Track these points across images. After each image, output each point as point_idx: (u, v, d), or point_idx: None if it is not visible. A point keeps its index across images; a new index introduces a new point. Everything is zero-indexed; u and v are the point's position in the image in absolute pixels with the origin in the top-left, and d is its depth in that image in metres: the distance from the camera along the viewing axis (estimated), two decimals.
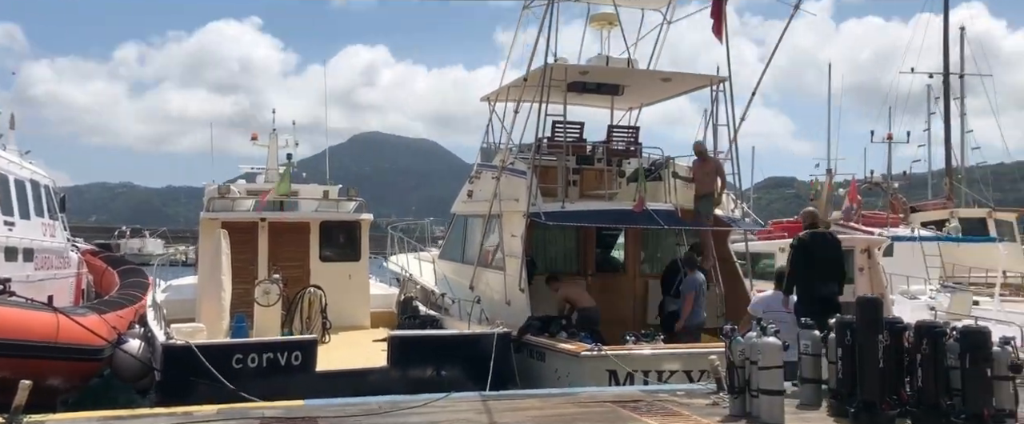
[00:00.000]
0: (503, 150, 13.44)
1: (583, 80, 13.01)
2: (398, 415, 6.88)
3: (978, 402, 6.24)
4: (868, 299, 7.13)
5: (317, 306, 12.29)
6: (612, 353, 9.47)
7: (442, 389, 7.94)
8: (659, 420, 6.79)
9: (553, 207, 11.66)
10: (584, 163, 12.92)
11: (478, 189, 14.22)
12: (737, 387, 7.01)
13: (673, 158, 13.12)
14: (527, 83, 12.50)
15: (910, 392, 6.86)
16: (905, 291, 16.61)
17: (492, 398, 7.83)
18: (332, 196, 15.29)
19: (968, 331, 6.53)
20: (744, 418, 6.84)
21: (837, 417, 6.90)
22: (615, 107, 14.50)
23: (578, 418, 6.86)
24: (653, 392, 8.16)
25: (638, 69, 13.42)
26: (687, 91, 13.85)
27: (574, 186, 12.61)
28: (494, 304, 12.05)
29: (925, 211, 26.05)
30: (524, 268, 11.59)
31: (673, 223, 12.04)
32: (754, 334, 7.08)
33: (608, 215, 12.04)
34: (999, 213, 24.84)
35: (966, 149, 32.04)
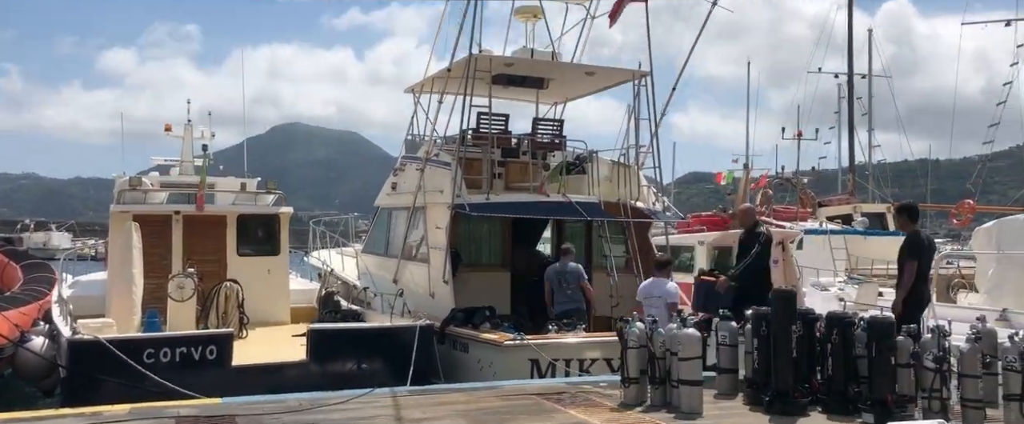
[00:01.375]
0: (427, 142, 13.34)
1: (508, 72, 13.05)
2: (319, 412, 6.73)
3: (883, 389, 6.55)
4: (783, 291, 7.40)
5: (234, 301, 11.97)
6: (534, 342, 9.56)
7: (362, 383, 7.85)
8: (583, 411, 6.87)
9: (478, 199, 11.67)
10: (509, 156, 12.95)
11: (402, 181, 14.08)
12: (658, 378, 7.15)
13: (597, 152, 13.30)
14: (451, 74, 12.45)
15: (821, 380, 7.16)
16: (816, 283, 17.30)
17: (417, 392, 7.77)
18: (250, 189, 14.87)
19: (874, 321, 6.85)
20: (664, 408, 6.98)
21: (752, 406, 7.12)
22: (540, 101, 14.58)
23: (503, 411, 6.87)
24: (577, 383, 8.25)
25: (562, 62, 13.54)
26: (611, 86, 14.06)
27: (499, 179, 12.64)
28: (418, 297, 11.98)
29: (830, 206, 27.23)
30: (448, 260, 11.56)
31: (596, 216, 12.22)
32: (674, 326, 7.25)
33: (533, 207, 12.12)
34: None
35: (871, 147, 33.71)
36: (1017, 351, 6.32)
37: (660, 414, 6.78)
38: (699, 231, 17.66)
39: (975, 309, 11.44)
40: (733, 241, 16.24)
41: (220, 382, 8.29)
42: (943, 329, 6.65)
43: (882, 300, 15.09)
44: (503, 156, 12.81)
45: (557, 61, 13.50)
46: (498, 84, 13.14)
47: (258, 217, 13.98)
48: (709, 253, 16.44)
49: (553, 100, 14.92)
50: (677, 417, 6.68)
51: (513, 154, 13.04)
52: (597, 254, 13.35)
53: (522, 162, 12.94)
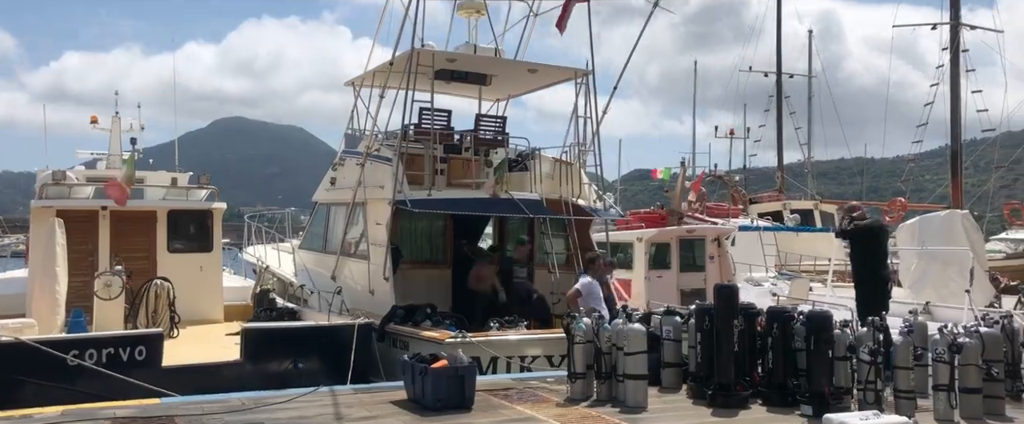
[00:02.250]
0: (368, 137, 13.13)
1: (451, 68, 12.94)
2: (263, 411, 6.55)
3: (820, 381, 6.75)
4: (725, 287, 7.54)
5: (164, 299, 11.57)
6: (476, 339, 9.51)
7: (299, 383, 7.69)
8: (530, 407, 6.86)
9: (420, 195, 11.54)
10: (452, 152, 12.84)
11: (342, 176, 13.82)
12: (604, 373, 7.19)
13: (540, 149, 13.31)
14: (393, 68, 12.27)
15: (762, 374, 7.33)
16: (750, 278, 17.75)
17: (361, 391, 7.64)
18: (182, 183, 14.37)
19: (813, 315, 7.05)
20: (610, 402, 7.03)
21: (695, 399, 7.23)
22: (483, 97, 14.51)
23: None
24: (524, 379, 8.25)
25: (505, 59, 13.50)
26: (553, 83, 14.10)
27: (441, 175, 12.51)
28: (357, 294, 11.78)
29: (761, 203, 28.03)
30: (389, 257, 11.40)
31: (538, 212, 12.24)
32: (620, 321, 7.32)
33: (475, 203, 12.05)
34: (824, 205, 27.17)
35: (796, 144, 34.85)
36: (946, 343, 6.60)
37: (606, 409, 6.83)
38: (638, 228, 17.88)
39: (900, 303, 11.93)
40: (670, 237, 16.60)
41: (150, 384, 7.98)
42: (878, 323, 6.89)
43: (813, 294, 15.60)
44: (445, 152, 12.69)
45: (500, 58, 13.45)
46: (441, 79, 13.02)
47: (190, 213, 13.54)
48: (647, 249, 16.66)
49: (496, 97, 14.87)
50: (622, 411, 6.74)
51: (456, 150, 12.93)
52: (539, 251, 13.38)
53: (465, 158, 12.85)
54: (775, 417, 6.63)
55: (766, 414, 6.76)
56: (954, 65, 16.54)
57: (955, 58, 16.57)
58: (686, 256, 16.49)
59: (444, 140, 12.77)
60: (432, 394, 6.65)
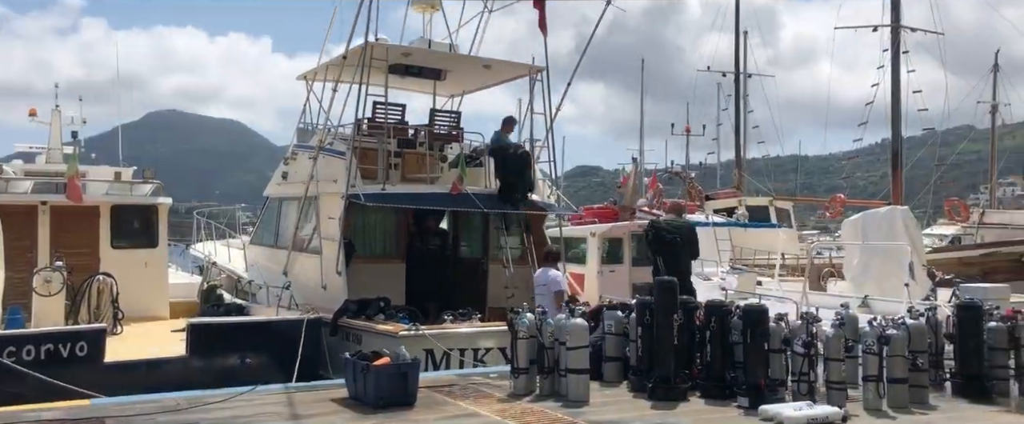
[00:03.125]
0: (321, 130, 13.05)
1: (405, 62, 12.92)
2: (198, 411, 6.48)
3: (756, 373, 6.93)
4: (665, 281, 7.68)
5: (107, 295, 11.37)
6: (429, 332, 9.54)
7: (247, 380, 7.63)
8: (472, 403, 6.92)
9: (374, 189, 11.52)
10: (406, 146, 12.83)
11: (294, 171, 13.72)
12: (547, 367, 7.28)
13: None
14: (346, 62, 12.22)
15: (700, 366, 7.49)
16: (700, 272, 18.03)
17: (304, 388, 7.61)
18: (126, 178, 14.13)
19: (749, 309, 7.22)
20: (552, 397, 7.12)
21: (636, 392, 7.36)
22: (437, 93, 14.51)
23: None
24: (467, 375, 8.31)
25: (460, 54, 13.51)
26: (508, 80, 14.16)
27: (395, 169, 12.50)
28: (309, 289, 11.72)
29: (717, 199, 28.47)
30: (342, 251, 11.36)
31: (493, 207, 12.31)
32: (562, 316, 7.41)
33: (430, 198, 12.07)
34: (779, 201, 27.72)
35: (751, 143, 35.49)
36: (875, 335, 6.82)
37: (548, 403, 6.92)
38: (591, 223, 18.07)
39: (841, 296, 12.25)
40: (623, 233, 16.81)
41: (92, 381, 7.85)
42: (812, 315, 7.09)
43: (760, 288, 15.92)
44: (400, 146, 12.68)
45: (455, 53, 13.46)
46: (395, 74, 12.98)
47: (134, 208, 13.33)
48: (601, 244, 16.85)
49: (450, 92, 14.88)
50: (564, 405, 6.83)
51: (410, 145, 12.93)
52: (493, 246, 13.44)
53: (419, 153, 12.85)
54: (713, 409, 6.79)
55: (704, 406, 6.91)
56: (895, 66, 17.06)
57: (896, 59, 17.07)
58: (639, 250, 16.69)
59: (398, 134, 12.76)
60: (374, 392, 6.67)
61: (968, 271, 16.03)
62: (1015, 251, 16.93)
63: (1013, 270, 16.06)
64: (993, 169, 37.01)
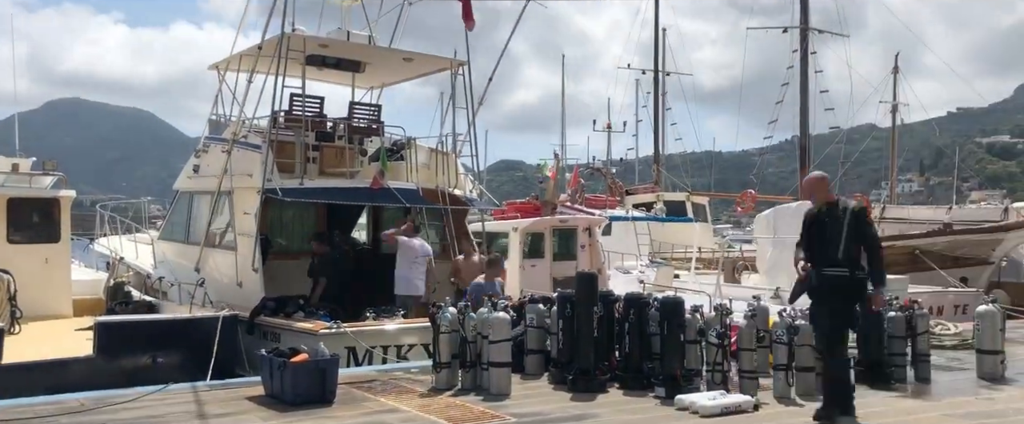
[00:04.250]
0: (235, 123, 12.65)
1: (322, 53, 12.66)
2: (104, 412, 6.20)
3: (673, 363, 7.10)
4: (585, 274, 7.79)
5: (3, 293, 10.78)
6: (351, 330, 9.40)
7: (158, 379, 7.35)
8: (393, 398, 6.86)
9: (291, 184, 11.25)
10: (324, 140, 12.58)
11: (206, 164, 13.24)
12: (469, 361, 7.28)
13: (415, 139, 13.24)
14: (261, 53, 11.88)
15: (619, 358, 7.63)
16: (620, 266, 18.39)
17: (217, 387, 7.40)
18: (24, 170, 13.36)
19: (666, 301, 7.40)
20: (474, 391, 7.12)
21: (557, 385, 7.44)
22: (356, 85, 14.28)
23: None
24: (388, 371, 8.22)
25: (379, 47, 13.33)
26: (429, 73, 14.05)
27: (313, 163, 12.25)
28: (223, 286, 11.36)
29: (637, 194, 29.08)
30: (258, 247, 11.06)
31: (415, 202, 12.21)
32: (485, 310, 7.43)
33: (349, 193, 11.88)
34: (695, 196, 28.54)
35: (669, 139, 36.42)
36: (785, 326, 7.09)
37: (469, 397, 6.92)
38: (514, 218, 18.14)
39: (754, 289, 12.71)
40: (544, 227, 16.94)
41: None
42: (725, 307, 7.32)
43: (677, 281, 16.35)
44: (318, 140, 12.42)
45: (374, 45, 13.27)
46: (312, 65, 12.71)
47: (33, 201, 12.66)
48: (522, 239, 16.93)
49: (370, 84, 14.66)
50: (485, 399, 6.85)
51: (328, 138, 12.68)
52: None
53: (338, 147, 12.61)
54: (631, 400, 6.93)
55: (622, 397, 7.05)
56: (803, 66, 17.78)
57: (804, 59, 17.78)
58: (560, 245, 16.87)
59: (316, 127, 12.49)
60: (291, 389, 6.53)
61: None
62: (911, 245, 17.89)
63: (910, 263, 16.98)
64: (893, 166, 39.04)
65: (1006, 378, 7.77)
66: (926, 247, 17.34)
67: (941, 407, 6.66)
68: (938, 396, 7.13)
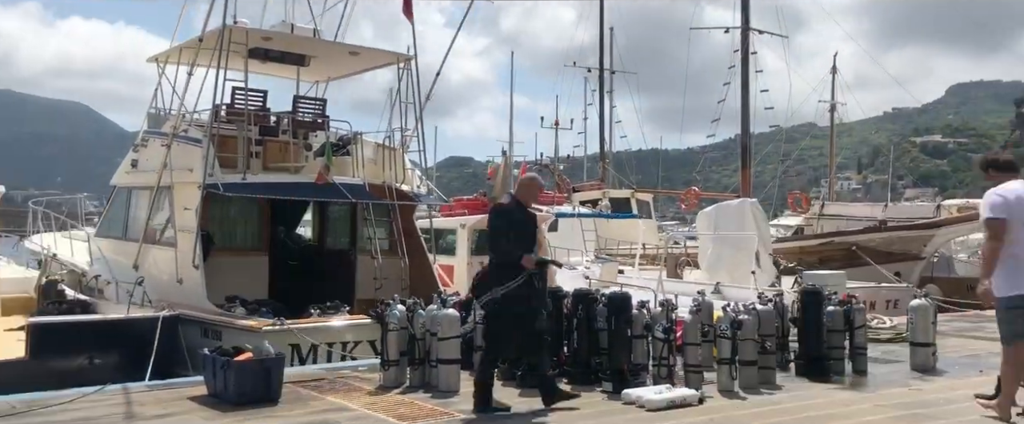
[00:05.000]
0: (175, 116, 12.33)
1: (266, 46, 12.43)
2: (38, 414, 5.97)
3: (620, 358, 7.18)
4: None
5: None
6: (295, 327, 9.26)
7: (96, 380, 7.12)
8: (341, 397, 6.78)
9: (234, 179, 11.02)
10: (268, 134, 12.35)
11: (145, 158, 12.88)
12: (418, 359, 7.24)
13: (361, 133, 13.11)
14: (202, 45, 11.61)
15: (567, 353, 7.68)
16: (566, 262, 18.50)
17: (157, 387, 7.19)
18: None
19: (614, 297, 7.47)
20: (422, 388, 7.08)
21: (506, 381, 7.44)
22: (301, 79, 14.04)
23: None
24: (335, 369, 8.12)
25: (325, 40, 13.15)
26: (375, 67, 13.91)
27: (256, 158, 12.01)
28: (163, 284, 11.07)
29: (583, 191, 29.32)
30: (199, 243, 10.81)
31: (362, 198, 12.09)
32: (434, 306, 7.39)
33: (294, 188, 11.69)
34: (639, 193, 28.93)
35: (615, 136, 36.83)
36: (729, 321, 7.23)
37: (418, 395, 6.88)
38: (461, 214, 18.11)
39: (697, 284, 12.93)
40: None
41: None
42: (672, 303, 7.43)
43: (622, 277, 16.55)
44: (261, 134, 12.19)
45: (319, 38, 13.08)
46: (255, 58, 12.45)
47: None
48: (470, 235, 16.92)
49: (315, 78, 14.44)
50: (434, 396, 6.81)
51: (272, 132, 12.45)
52: (361, 237, 13.21)
53: (282, 141, 12.40)
54: (579, 394, 6.96)
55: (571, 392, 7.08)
56: (744, 66, 18.16)
57: (745, 59, 18.18)
58: None
59: (259, 121, 12.26)
60: (235, 388, 6.39)
61: (808, 259, 17.32)
62: (848, 241, 18.47)
63: (847, 258, 17.53)
64: (832, 164, 40.22)
65: (937, 369, 8.06)
66: (863, 243, 17.91)
67: (876, 398, 6.88)
68: (873, 388, 7.37)
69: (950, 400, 6.75)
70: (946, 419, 6.11)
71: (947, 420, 6.07)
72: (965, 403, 6.60)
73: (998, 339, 6.02)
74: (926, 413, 6.29)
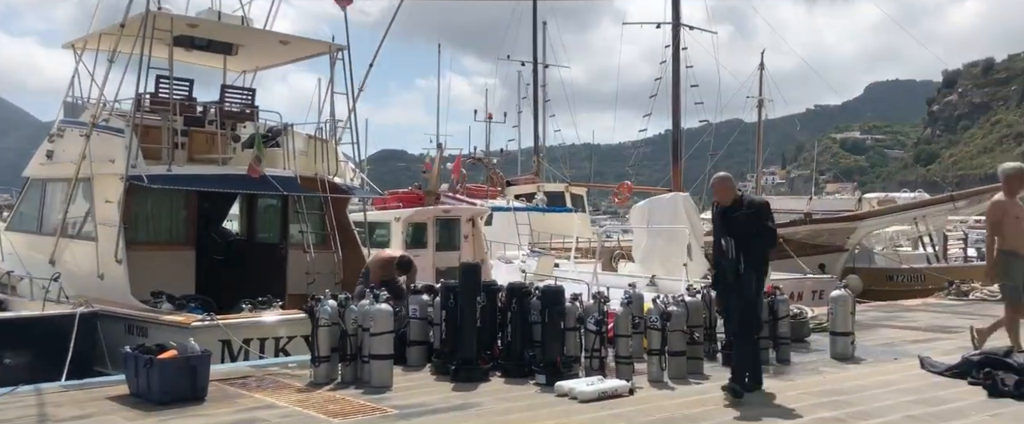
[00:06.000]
0: (95, 105, 11.84)
1: (191, 34, 12.05)
2: None
3: (553, 351, 7.24)
4: (468, 264, 7.80)
5: None
6: (224, 323, 9.02)
7: (8, 382, 6.80)
8: (269, 394, 6.64)
9: (158, 170, 10.68)
10: (194, 124, 11.98)
11: (61, 149, 12.34)
12: (349, 354, 7.14)
13: (292, 125, 12.83)
14: (124, 32, 11.17)
15: (501, 347, 7.70)
16: (502, 256, 18.58)
17: (74, 387, 6.90)
18: None
19: (547, 290, 7.53)
20: (354, 384, 7.00)
21: (439, 375, 7.43)
22: (228, 68, 13.66)
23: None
24: (263, 366, 7.95)
25: (254, 28, 12.82)
26: (306, 57, 13.65)
27: (182, 149, 11.64)
28: (82, 280, 10.64)
29: (518, 185, 29.44)
30: (122, 237, 10.43)
31: (293, 190, 11.86)
32: (367, 302, 7.30)
33: (223, 180, 11.38)
34: (573, 187, 29.22)
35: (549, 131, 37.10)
36: (658, 313, 7.37)
37: (349, 391, 6.79)
38: (396, 207, 17.96)
39: (630, 276, 13.15)
40: (427, 217, 16.87)
41: None
42: (603, 295, 7.53)
43: (557, 270, 16.69)
44: (186, 124, 11.82)
45: (248, 27, 12.74)
46: (180, 46, 12.05)
47: None
48: (404, 229, 16.80)
49: (243, 68, 14.07)
50: (366, 392, 6.74)
51: (198, 123, 12.09)
52: (293, 230, 12.95)
53: (209, 132, 12.05)
54: (512, 387, 7.00)
55: (504, 385, 7.11)
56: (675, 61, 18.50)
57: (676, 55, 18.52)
58: (442, 235, 16.85)
59: (185, 111, 11.89)
60: (159, 387, 6.18)
61: None
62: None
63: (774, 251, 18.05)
64: (759, 159, 41.42)
65: (856, 357, 8.39)
66: (789, 236, 18.49)
67: (799, 386, 7.12)
68: (796, 375, 7.62)
69: (866, 387, 7.05)
70: (863, 404, 6.37)
71: (864, 406, 6.33)
72: (880, 389, 6.91)
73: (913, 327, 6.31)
74: (845, 399, 6.54)
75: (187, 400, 6.23)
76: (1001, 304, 8.90)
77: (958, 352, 8.03)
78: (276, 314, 9.81)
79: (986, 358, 7.29)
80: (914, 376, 7.57)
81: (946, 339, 9.73)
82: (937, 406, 6.31)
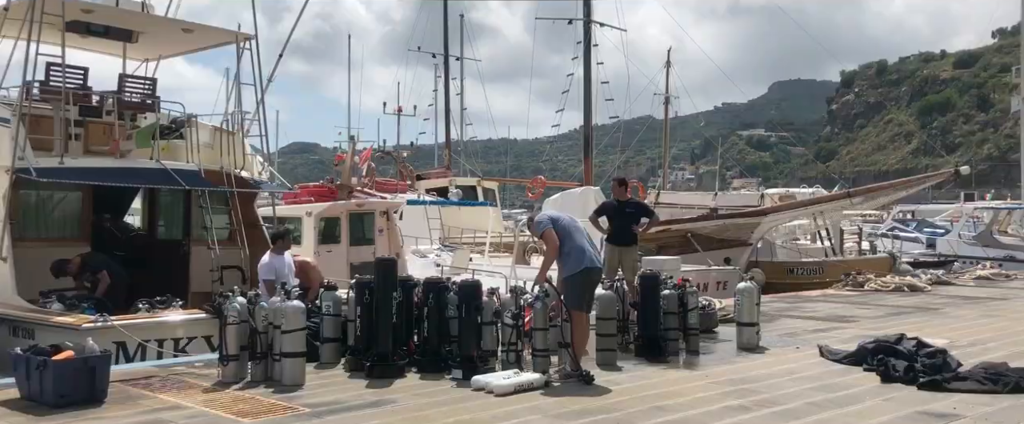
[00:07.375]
0: None
1: (86, 20, 11.42)
2: None
3: (470, 345, 7.24)
4: (384, 260, 7.70)
5: None
6: (120, 323, 8.59)
7: None
8: (174, 395, 6.38)
9: (50, 163, 10.08)
10: (90, 115, 11.36)
11: None
12: (260, 353, 6.94)
13: (196, 116, 12.35)
14: (9, 15, 10.52)
15: (417, 342, 7.64)
16: (416, 250, 18.41)
17: None
18: None
19: (465, 284, 7.51)
20: (264, 383, 6.81)
21: (353, 372, 7.31)
22: (128, 56, 13.02)
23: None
24: (168, 366, 7.63)
25: (154, 15, 12.26)
26: (211, 46, 13.16)
27: (77, 140, 11.03)
28: None
29: (429, 179, 29.27)
30: (8, 233, 9.81)
31: (196, 184, 11.42)
32: (278, 298, 7.11)
33: (120, 174, 10.84)
34: (485, 182, 29.28)
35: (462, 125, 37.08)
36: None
37: (260, 390, 6.60)
38: (307, 202, 17.53)
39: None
40: (340, 212, 16.55)
41: None
42: (521, 289, 7.56)
43: (473, 264, 16.69)
44: (82, 115, 11.19)
45: (148, 13, 12.17)
46: (74, 32, 11.39)
47: None
48: (316, 224, 16.42)
49: (144, 56, 13.42)
50: (277, 391, 6.57)
51: (95, 113, 11.47)
52: (197, 226, 12.47)
53: (106, 122, 11.45)
54: (428, 383, 6.96)
55: (420, 381, 7.06)
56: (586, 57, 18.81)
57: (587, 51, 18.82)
58: (356, 230, 16.56)
59: (79, 101, 11.26)
60: (53, 390, 5.84)
61: (646, 245, 18.24)
62: (685, 228, 19.61)
63: (682, 245, 18.62)
64: (665, 155, 42.51)
65: (761, 347, 8.73)
66: (697, 230, 19.08)
67: (707, 376, 7.36)
68: (705, 366, 7.87)
69: (771, 375, 7.34)
70: (769, 392, 6.63)
71: (770, 393, 6.60)
72: (784, 378, 7.21)
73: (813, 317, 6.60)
74: (751, 388, 6.80)
75: (86, 402, 5.91)
76: (892, 294, 9.44)
77: (855, 340, 8.47)
78: (177, 314, 9.43)
79: (879, 345, 7.71)
80: (814, 364, 7.93)
81: (843, 328, 10.26)
82: (835, 392, 6.64)
